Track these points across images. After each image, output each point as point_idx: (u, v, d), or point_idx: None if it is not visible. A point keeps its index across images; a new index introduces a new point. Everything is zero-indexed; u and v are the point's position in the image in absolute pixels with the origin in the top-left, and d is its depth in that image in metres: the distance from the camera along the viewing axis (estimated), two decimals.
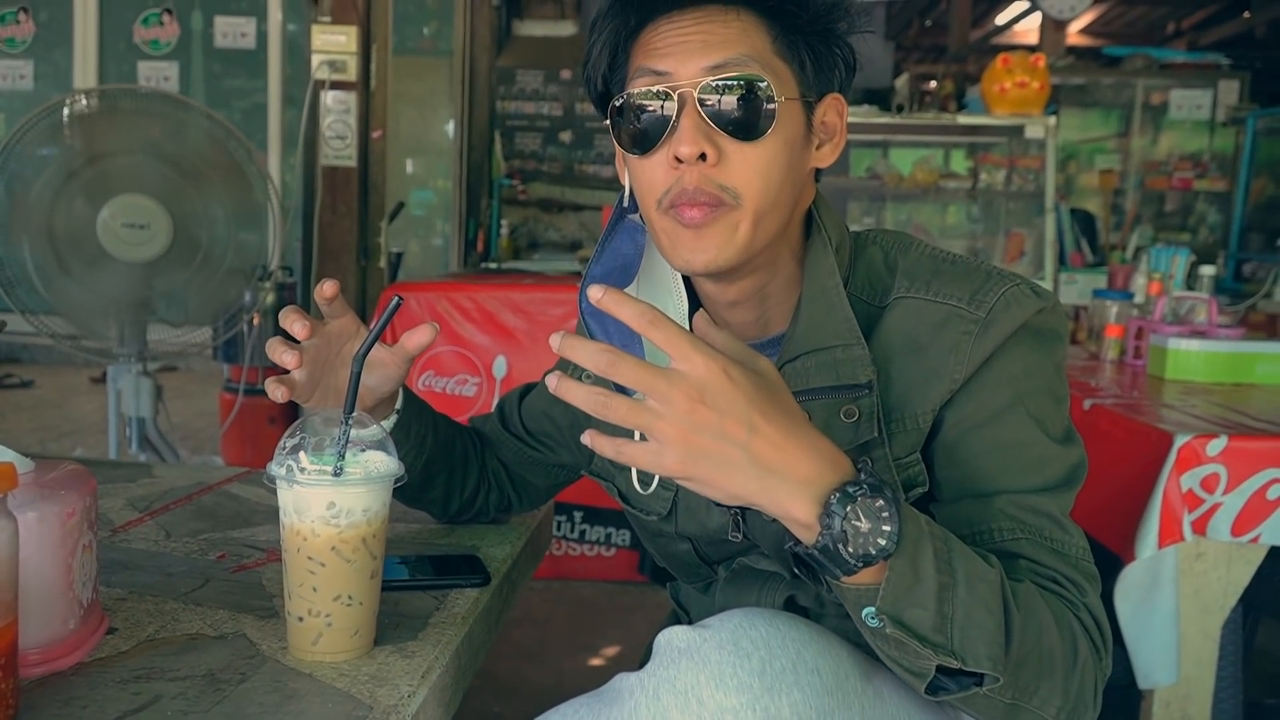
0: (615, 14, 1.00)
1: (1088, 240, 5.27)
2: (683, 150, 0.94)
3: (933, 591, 0.79)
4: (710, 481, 0.76)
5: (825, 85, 1.02)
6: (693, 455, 0.75)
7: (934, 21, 10.44)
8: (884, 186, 5.12)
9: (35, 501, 0.85)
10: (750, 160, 0.95)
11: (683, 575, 1.20)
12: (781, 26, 0.98)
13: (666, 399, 0.74)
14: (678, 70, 0.96)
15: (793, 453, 0.77)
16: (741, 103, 0.94)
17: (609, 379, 0.74)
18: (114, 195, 2.98)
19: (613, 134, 1.02)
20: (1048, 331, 0.98)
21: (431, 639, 0.96)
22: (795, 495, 0.77)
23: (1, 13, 7.24)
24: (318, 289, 1.05)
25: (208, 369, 6.40)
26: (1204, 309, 2.53)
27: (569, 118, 7.28)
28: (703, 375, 0.74)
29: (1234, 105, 6.96)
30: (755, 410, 0.75)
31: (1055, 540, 0.92)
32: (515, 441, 1.31)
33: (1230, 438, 1.76)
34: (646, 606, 3.20)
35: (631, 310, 0.75)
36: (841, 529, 0.76)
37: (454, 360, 3.37)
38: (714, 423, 0.74)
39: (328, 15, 3.81)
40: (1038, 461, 0.94)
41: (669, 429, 0.74)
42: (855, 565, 0.77)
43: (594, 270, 1.06)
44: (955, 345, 0.96)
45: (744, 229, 0.96)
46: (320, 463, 0.90)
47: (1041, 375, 0.97)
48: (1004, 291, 0.97)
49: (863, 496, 0.76)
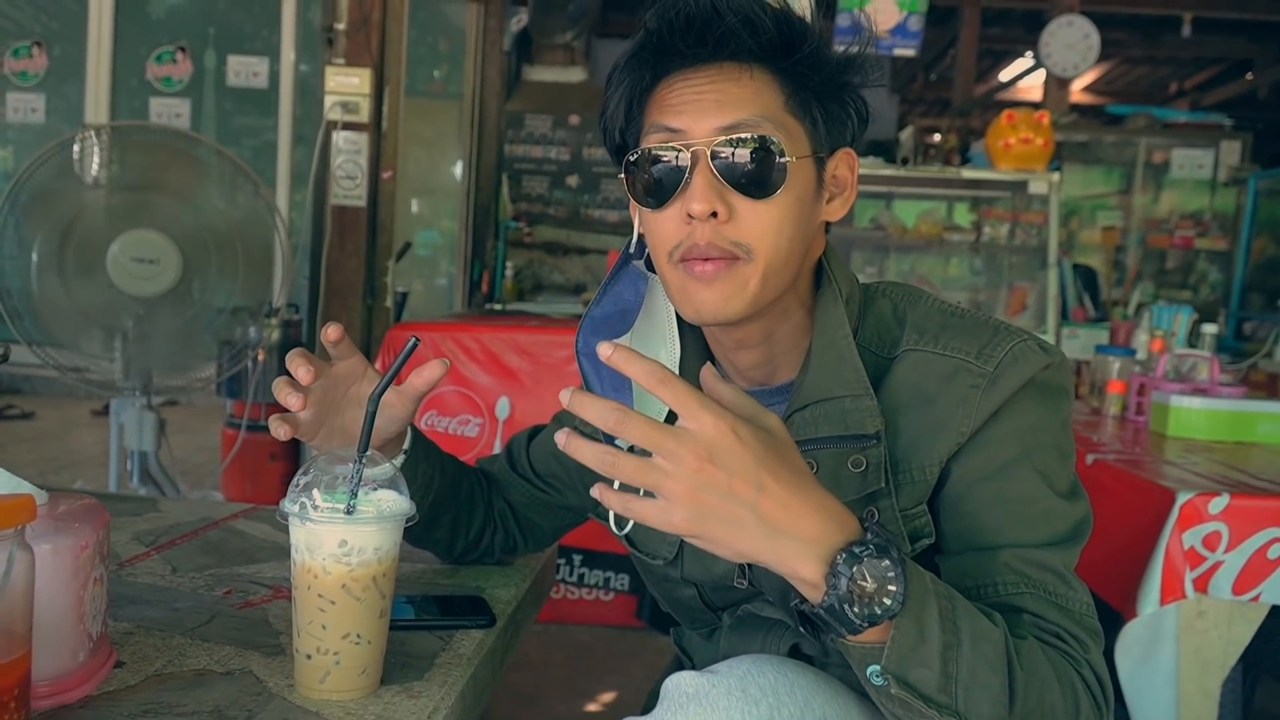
0: (632, 69, 1.02)
1: (1090, 296, 5.30)
2: (695, 208, 0.96)
3: (937, 651, 0.79)
4: (717, 540, 0.76)
5: (837, 140, 1.04)
6: (700, 514, 0.75)
7: (938, 76, 10.57)
8: (888, 237, 5.16)
9: (49, 534, 0.86)
10: (762, 217, 0.97)
11: (687, 621, 1.20)
12: (795, 86, 0.99)
13: (675, 457, 0.74)
14: (691, 128, 0.97)
15: (800, 512, 0.77)
16: (753, 161, 0.96)
17: (617, 436, 0.74)
18: (124, 230, 3.00)
19: (626, 186, 1.04)
20: (1054, 387, 0.99)
21: (438, 680, 0.96)
22: (802, 554, 0.77)
23: (15, 46, 7.32)
24: (323, 332, 1.06)
25: (208, 404, 6.40)
26: (1206, 367, 2.54)
27: (576, 162, 7.34)
28: (711, 435, 0.74)
29: (1235, 165, 7.02)
30: (763, 469, 0.75)
31: (1059, 595, 0.92)
32: (523, 483, 1.31)
33: (1232, 496, 1.76)
34: (644, 652, 3.18)
35: (640, 368, 0.75)
36: (848, 589, 0.76)
37: (457, 400, 3.38)
38: (722, 482, 0.74)
39: (342, 57, 3.86)
40: (1043, 516, 0.95)
41: (677, 487, 0.74)
42: (860, 625, 0.77)
43: (594, 312, 1.08)
44: (963, 398, 0.97)
45: (754, 283, 0.98)
46: (333, 500, 0.91)
47: (1048, 430, 0.98)
48: (1011, 346, 0.98)
49: (869, 557, 0.77)
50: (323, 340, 1.06)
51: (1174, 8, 8.07)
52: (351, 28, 3.83)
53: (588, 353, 1.05)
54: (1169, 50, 9.33)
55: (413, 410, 1.11)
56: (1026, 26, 8.91)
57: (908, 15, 5.62)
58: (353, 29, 3.84)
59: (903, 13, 5.61)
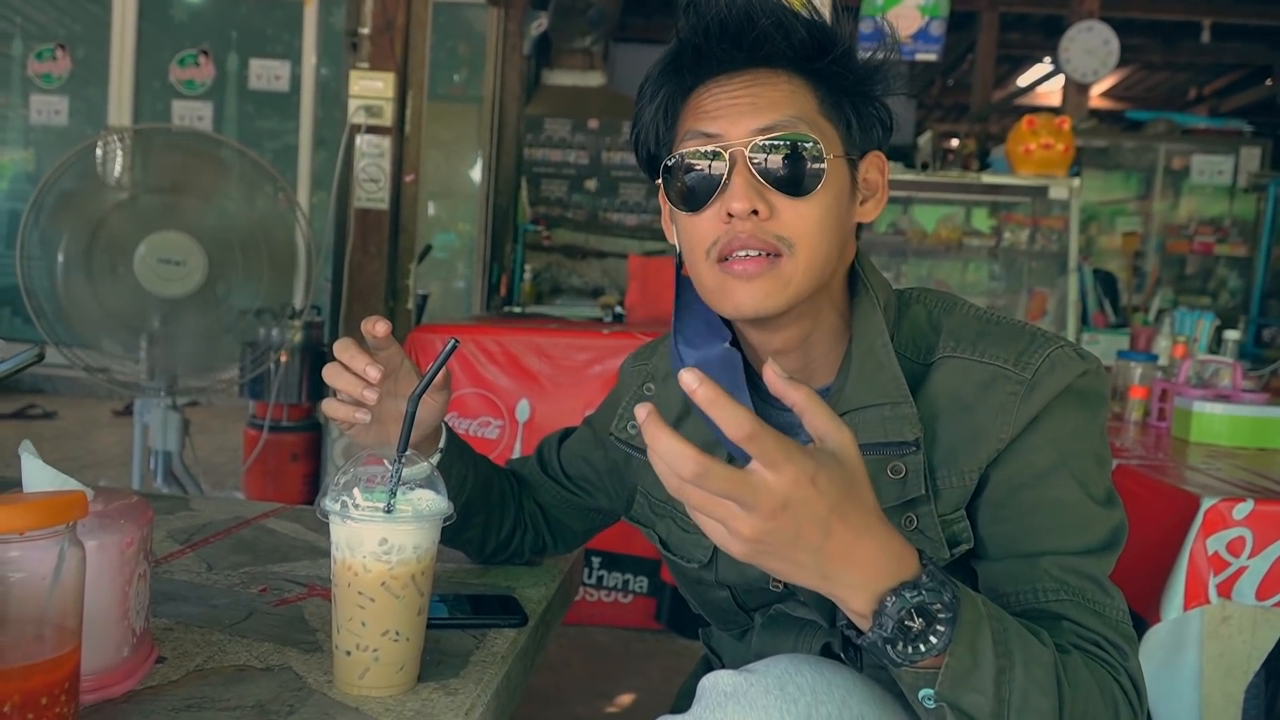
0: (667, 78, 1.04)
1: (1110, 301, 5.29)
2: (735, 206, 0.97)
3: (990, 676, 0.79)
4: (774, 572, 0.76)
5: (867, 143, 1.06)
6: (760, 553, 0.74)
7: (956, 81, 10.55)
8: (906, 242, 5.16)
9: (95, 531, 0.87)
10: (803, 214, 0.98)
11: (719, 622, 1.21)
12: (828, 89, 1.01)
13: (750, 507, 0.71)
14: (728, 131, 0.99)
15: (860, 554, 0.76)
16: (791, 160, 0.97)
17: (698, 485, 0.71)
18: (151, 232, 3.03)
19: (663, 193, 1.05)
20: (1091, 394, 1.00)
21: (473, 677, 0.97)
22: (854, 591, 0.77)
23: (39, 49, 7.38)
24: (370, 327, 1.06)
25: (229, 404, 6.44)
26: (1228, 373, 2.54)
27: (595, 166, 7.36)
28: (789, 487, 0.71)
29: (1255, 172, 7.00)
30: (834, 515, 0.74)
31: (1097, 603, 0.92)
32: (554, 485, 1.33)
33: (1257, 502, 1.76)
34: (663, 655, 3.19)
35: (726, 415, 0.70)
36: (893, 630, 0.76)
37: (477, 402, 3.40)
38: (790, 530, 0.73)
39: (366, 62, 3.88)
40: (1081, 523, 0.95)
41: (744, 529, 0.72)
42: (902, 664, 0.78)
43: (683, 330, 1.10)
44: (1002, 406, 0.97)
45: (797, 279, 0.99)
46: (373, 499, 0.92)
47: (1086, 438, 0.98)
48: (1049, 353, 0.98)
49: (919, 600, 0.77)
50: (368, 333, 1.06)
51: (1193, 14, 8.04)
52: (375, 32, 3.86)
53: (695, 364, 1.07)
54: (1188, 56, 9.29)
55: (445, 402, 1.13)
56: (1045, 32, 8.89)
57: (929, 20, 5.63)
58: (377, 34, 3.86)
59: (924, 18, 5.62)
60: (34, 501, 0.75)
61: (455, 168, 7.61)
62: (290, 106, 7.24)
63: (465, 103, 7.49)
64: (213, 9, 7.43)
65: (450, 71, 7.60)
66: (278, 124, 7.35)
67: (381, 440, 1.12)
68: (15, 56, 7.51)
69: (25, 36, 7.51)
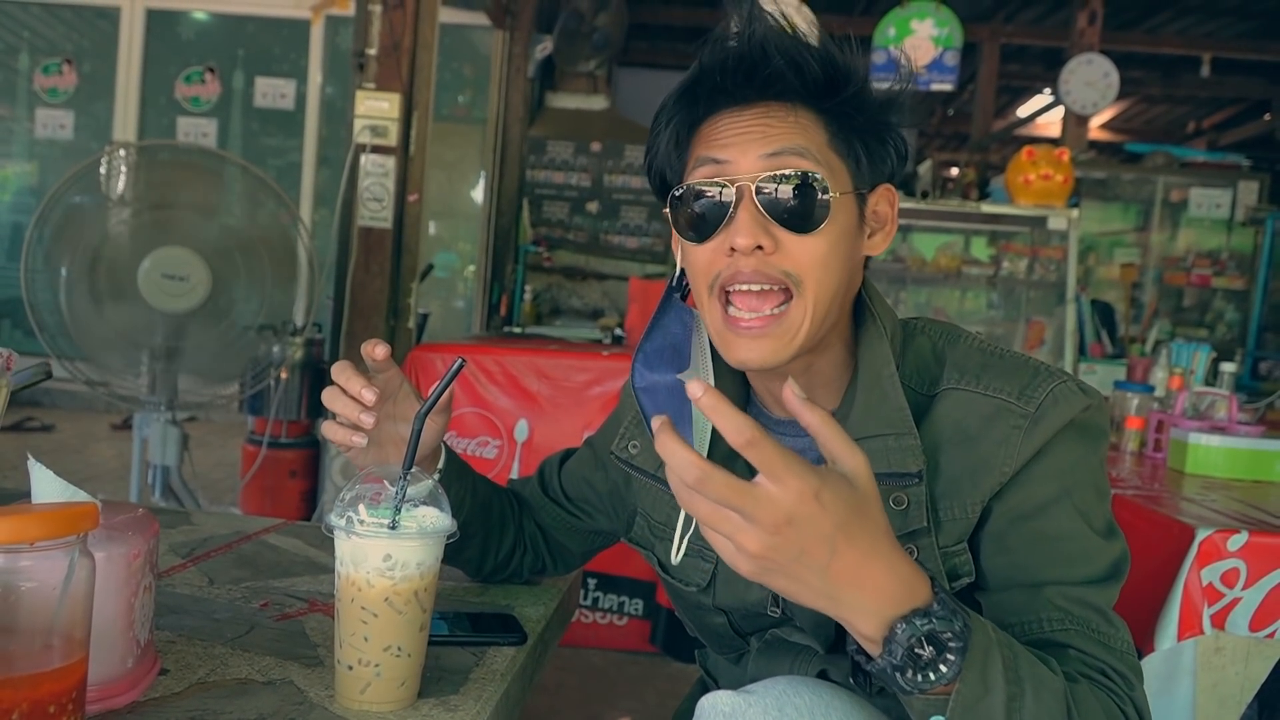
0: (681, 106, 1.05)
1: (1107, 332, 5.31)
2: (739, 241, 0.98)
3: (1002, 703, 0.79)
4: (781, 590, 0.77)
5: (878, 176, 1.06)
6: (768, 570, 0.74)
7: (956, 110, 10.61)
8: (906, 269, 5.19)
9: (103, 542, 0.88)
10: (809, 249, 0.99)
11: (715, 646, 1.22)
12: (838, 125, 1.02)
13: (753, 519, 0.72)
14: (737, 160, 1.00)
15: (868, 577, 0.76)
16: (797, 196, 0.98)
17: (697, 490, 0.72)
18: (156, 247, 3.05)
19: (671, 220, 1.06)
20: (1093, 428, 1.00)
21: (473, 694, 0.98)
22: (863, 615, 0.77)
23: (45, 63, 7.43)
24: (369, 350, 1.08)
25: (227, 419, 6.45)
26: (1224, 405, 2.55)
27: (597, 188, 7.39)
28: (793, 501, 0.72)
29: (1253, 206, 7.04)
30: (840, 534, 0.74)
31: (1102, 633, 0.93)
32: (553, 506, 1.33)
33: (1251, 533, 1.77)
34: (657, 678, 3.19)
35: (729, 423, 0.72)
36: (902, 658, 0.77)
37: (476, 422, 3.41)
38: (794, 546, 0.73)
39: (372, 82, 3.91)
40: (1083, 554, 0.96)
41: (750, 543, 0.73)
42: (912, 691, 0.77)
43: (645, 347, 1.11)
44: (1005, 439, 0.98)
45: (805, 325, 0.99)
46: (378, 515, 0.93)
47: (1087, 470, 0.99)
48: (1052, 388, 0.99)
49: (929, 628, 0.77)
50: (367, 356, 1.08)
51: (1193, 48, 8.11)
52: (383, 53, 3.89)
53: (644, 386, 1.08)
54: (1187, 89, 9.36)
55: (445, 424, 1.14)
56: (1046, 63, 8.95)
57: (944, 51, 5.68)
58: (384, 54, 3.89)
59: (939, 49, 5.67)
60: (46, 512, 0.76)
61: (458, 188, 7.65)
62: (295, 125, 7.28)
63: (469, 124, 7.53)
64: (219, 27, 7.48)
65: (455, 92, 7.64)
66: (282, 142, 7.39)
67: (380, 462, 1.13)
68: (22, 70, 7.55)
69: (32, 50, 7.56)
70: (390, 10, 3.89)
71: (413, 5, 3.92)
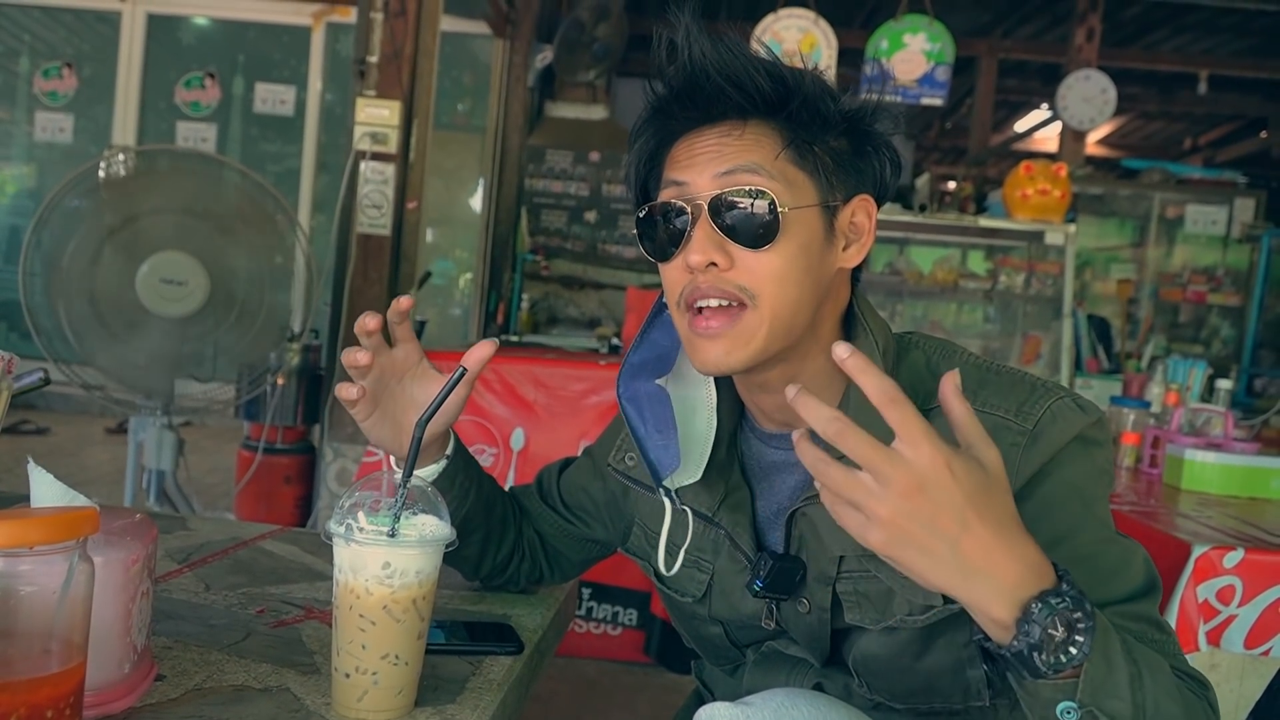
0: (642, 134, 1.08)
1: (1103, 347, 5.32)
2: (693, 259, 1.00)
3: (1125, 681, 0.79)
4: (910, 568, 0.77)
5: (854, 187, 1.06)
6: (898, 540, 0.75)
7: (954, 124, 10.64)
8: (903, 283, 5.20)
9: (102, 547, 0.88)
10: (764, 264, 1.00)
11: (711, 657, 1.22)
12: (795, 137, 1.02)
13: (886, 480, 0.74)
14: (694, 180, 1.02)
15: (999, 556, 0.76)
16: (748, 213, 0.99)
17: (837, 440, 0.75)
18: (154, 252, 3.05)
19: (640, 243, 1.08)
20: (1098, 442, 1.00)
21: (469, 703, 0.98)
22: (995, 597, 0.77)
23: (46, 66, 7.43)
24: (394, 302, 1.09)
25: (222, 425, 6.44)
26: (1220, 422, 2.56)
27: (595, 198, 7.40)
28: (926, 465, 0.74)
29: (1249, 223, 7.06)
30: (970, 508, 0.75)
31: (1158, 642, 0.92)
32: (552, 514, 1.33)
33: (1247, 551, 1.78)
34: (651, 688, 3.18)
35: (874, 381, 0.76)
36: (1039, 638, 0.76)
37: (472, 430, 3.41)
38: (927, 514, 0.74)
39: (373, 89, 3.92)
40: (1122, 565, 0.96)
41: (881, 510, 0.74)
42: (1045, 672, 0.77)
43: (632, 358, 1.12)
44: (1004, 457, 0.98)
45: (761, 333, 1.00)
46: (377, 523, 0.93)
47: (1099, 484, 1.00)
48: (1050, 405, 0.99)
49: (1063, 607, 0.76)
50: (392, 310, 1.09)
51: (1191, 65, 8.14)
52: (383, 60, 3.90)
53: (629, 396, 1.10)
54: (1184, 106, 9.39)
55: (463, 397, 1.12)
56: (1043, 79, 8.99)
57: (935, 66, 5.70)
58: (384, 62, 3.90)
59: (930, 63, 5.69)
60: (46, 516, 0.76)
61: (456, 196, 7.66)
62: (294, 131, 7.28)
63: (468, 132, 7.54)
64: (220, 32, 7.49)
65: (454, 101, 7.66)
66: (281, 148, 7.40)
67: (393, 436, 1.13)
68: (22, 73, 7.56)
69: (32, 54, 7.57)
70: (391, 18, 3.90)
71: (414, 13, 3.93)
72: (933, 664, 1.01)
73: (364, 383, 1.09)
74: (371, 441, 1.14)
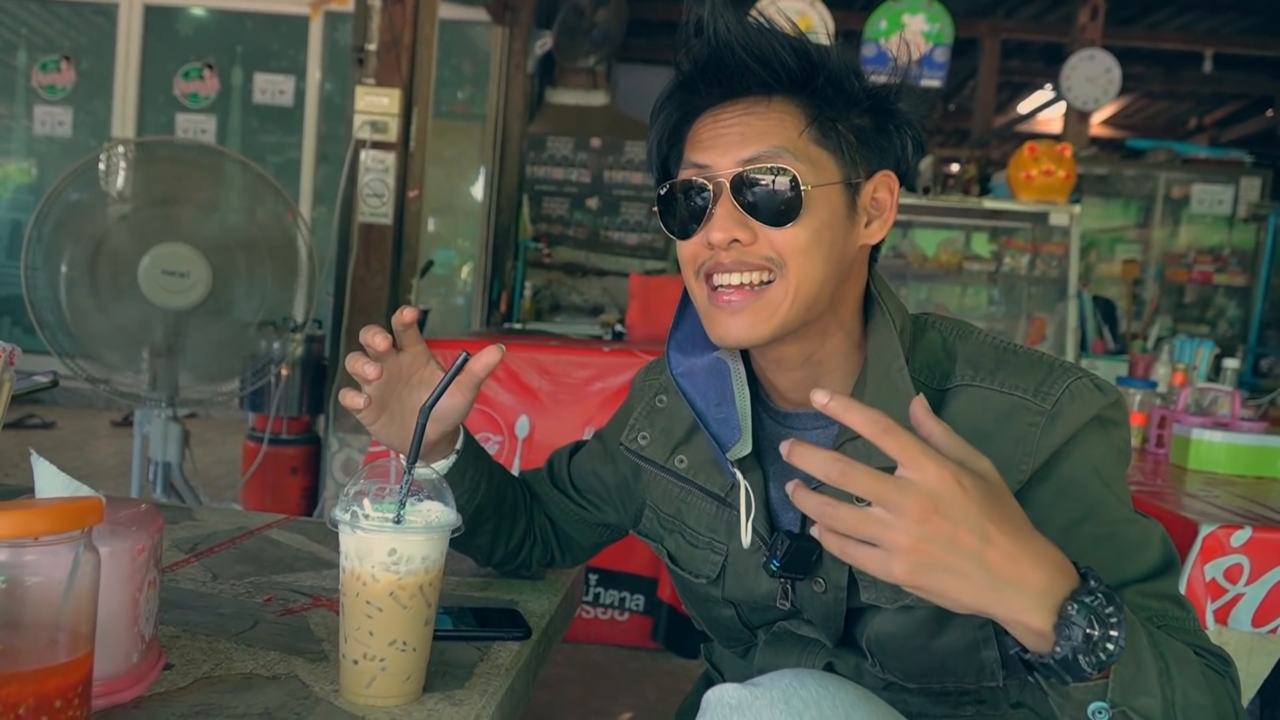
0: (664, 110, 1.07)
1: (1109, 328, 5.31)
2: (715, 236, 1.00)
3: (1155, 677, 0.79)
4: (941, 592, 0.75)
5: (877, 163, 1.06)
6: (923, 566, 0.73)
7: (957, 106, 10.60)
8: (907, 265, 5.19)
9: (108, 537, 0.88)
10: (788, 238, 1.00)
11: (722, 639, 1.22)
12: (817, 113, 1.02)
13: (899, 509, 0.72)
14: (716, 162, 1.02)
15: (1025, 563, 0.75)
16: (771, 191, 0.99)
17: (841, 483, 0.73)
18: (155, 244, 3.05)
19: (660, 219, 1.07)
20: (1116, 422, 1.00)
21: (478, 688, 0.98)
22: (1030, 606, 0.75)
23: (43, 60, 7.42)
24: (397, 314, 1.08)
25: (227, 416, 6.45)
26: (1227, 401, 2.55)
27: (597, 184, 7.39)
28: (935, 484, 0.72)
29: (1255, 202, 7.03)
30: (987, 519, 0.74)
31: (1178, 618, 0.92)
32: (563, 498, 1.33)
33: (1254, 529, 1.77)
34: (659, 674, 3.19)
35: (861, 417, 0.74)
36: (1081, 640, 0.75)
37: (477, 418, 3.40)
38: (946, 534, 0.73)
39: (372, 78, 3.91)
40: (1141, 542, 0.95)
41: (900, 539, 0.72)
42: (1090, 673, 0.76)
43: (676, 335, 1.13)
44: (1022, 437, 0.97)
45: (786, 304, 1.00)
46: (382, 510, 0.93)
47: (1117, 463, 1.00)
48: (1068, 384, 0.98)
49: (1097, 604, 0.76)
50: (395, 322, 1.08)
51: (1195, 44, 8.10)
52: (382, 49, 3.89)
53: (682, 372, 1.10)
54: (1189, 85, 9.35)
55: (471, 399, 1.12)
56: (1047, 59, 8.94)
57: (934, 47, 5.68)
58: (383, 50, 3.89)
59: (929, 44, 5.67)
60: (50, 507, 0.76)
61: (457, 184, 7.64)
62: (294, 121, 7.27)
63: (469, 120, 7.52)
64: (218, 23, 7.47)
65: (454, 89, 7.64)
66: (281, 138, 7.39)
67: (403, 438, 1.12)
68: (20, 67, 7.54)
69: (30, 47, 7.55)
70: (390, 5, 3.89)
71: (412, 0, 3.92)
72: (947, 644, 1.01)
73: (370, 390, 1.08)
74: (381, 442, 1.14)
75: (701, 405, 1.09)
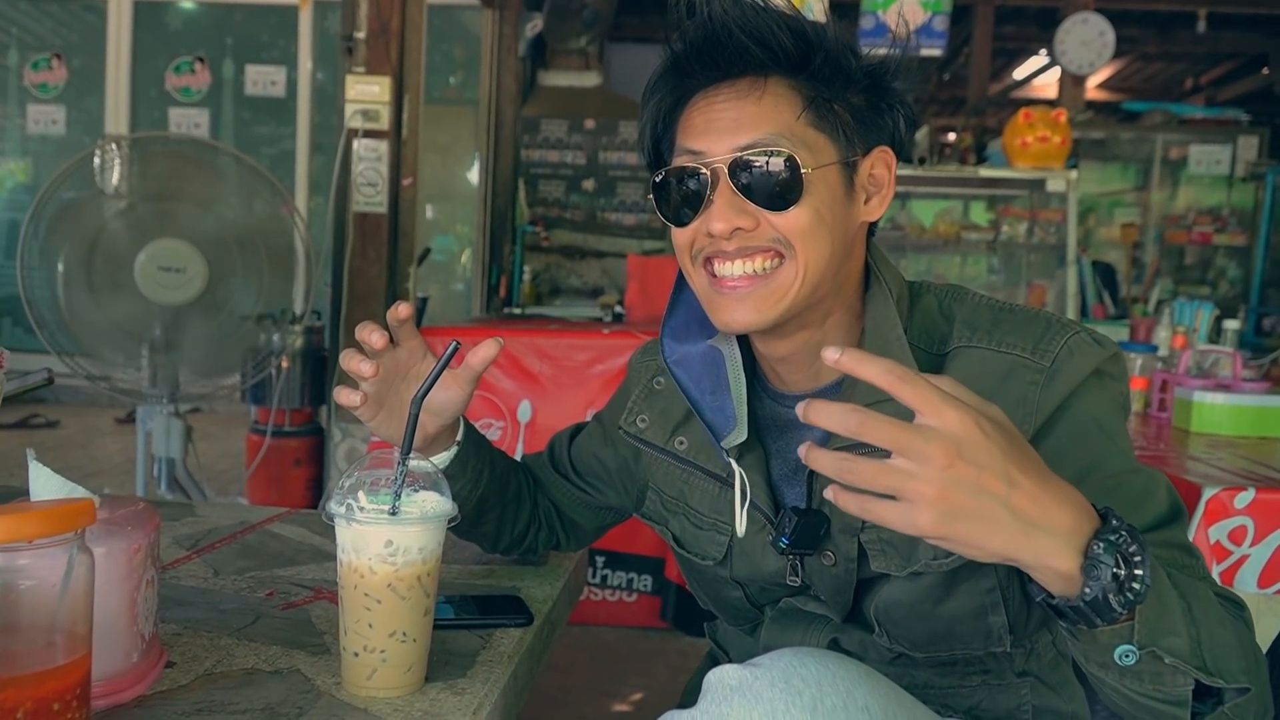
0: (656, 92, 1.05)
1: (1109, 292, 5.29)
2: (716, 227, 0.99)
3: (1179, 616, 0.78)
4: (968, 540, 0.73)
5: (873, 140, 1.05)
6: (950, 514, 0.71)
7: (952, 75, 10.55)
8: (905, 237, 5.18)
9: (103, 538, 0.88)
10: (790, 220, 0.99)
11: (728, 618, 1.21)
12: (815, 94, 1.01)
13: (923, 457, 0.70)
14: (711, 149, 1.00)
15: (1050, 504, 0.74)
16: (770, 177, 0.98)
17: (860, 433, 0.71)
18: (154, 238, 3.04)
19: (655, 206, 1.06)
20: (1114, 375, 1.00)
21: (480, 677, 0.98)
22: (1058, 548, 0.74)
23: (35, 59, 7.40)
24: (393, 310, 1.07)
25: (231, 410, 6.45)
26: (1229, 363, 2.55)
27: (592, 166, 7.36)
28: (957, 430, 0.71)
29: (1253, 161, 7.00)
30: (1010, 462, 0.72)
31: (1189, 567, 0.91)
32: (564, 482, 1.33)
33: (1258, 490, 1.77)
34: (668, 653, 3.20)
35: (875, 368, 0.72)
36: (1109, 579, 0.74)
37: (479, 404, 3.40)
38: (972, 479, 0.71)
39: (362, 66, 3.89)
40: (1145, 493, 0.94)
41: (925, 488, 0.71)
42: (1120, 612, 0.75)
43: (670, 323, 1.11)
44: (1022, 396, 0.97)
45: (794, 287, 0.99)
46: (378, 502, 0.93)
47: (1118, 416, 0.99)
48: (1066, 340, 0.98)
49: (1121, 541, 0.74)
50: (390, 317, 1.07)
51: (1189, 3, 8.04)
52: (371, 36, 3.86)
53: (676, 359, 1.09)
54: (1184, 46, 9.29)
55: (469, 393, 1.11)
56: (1041, 24, 8.89)
57: (933, 15, 5.63)
58: (372, 38, 3.87)
59: (927, 13, 5.62)
60: (42, 510, 0.76)
61: (452, 170, 7.62)
62: (287, 112, 7.25)
63: (461, 105, 7.50)
64: (208, 16, 7.44)
65: (446, 74, 7.61)
66: (274, 130, 7.37)
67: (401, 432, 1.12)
68: (11, 67, 7.52)
69: (21, 46, 7.53)
70: None
71: None
72: (955, 609, 1.01)
73: (366, 387, 1.08)
74: (379, 436, 1.13)
75: (696, 393, 1.09)
